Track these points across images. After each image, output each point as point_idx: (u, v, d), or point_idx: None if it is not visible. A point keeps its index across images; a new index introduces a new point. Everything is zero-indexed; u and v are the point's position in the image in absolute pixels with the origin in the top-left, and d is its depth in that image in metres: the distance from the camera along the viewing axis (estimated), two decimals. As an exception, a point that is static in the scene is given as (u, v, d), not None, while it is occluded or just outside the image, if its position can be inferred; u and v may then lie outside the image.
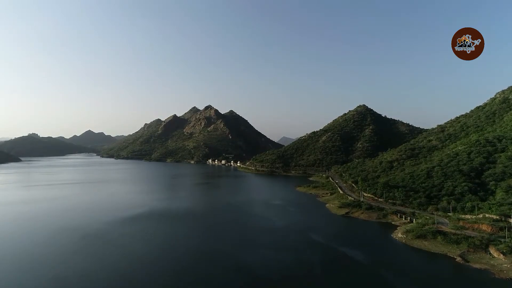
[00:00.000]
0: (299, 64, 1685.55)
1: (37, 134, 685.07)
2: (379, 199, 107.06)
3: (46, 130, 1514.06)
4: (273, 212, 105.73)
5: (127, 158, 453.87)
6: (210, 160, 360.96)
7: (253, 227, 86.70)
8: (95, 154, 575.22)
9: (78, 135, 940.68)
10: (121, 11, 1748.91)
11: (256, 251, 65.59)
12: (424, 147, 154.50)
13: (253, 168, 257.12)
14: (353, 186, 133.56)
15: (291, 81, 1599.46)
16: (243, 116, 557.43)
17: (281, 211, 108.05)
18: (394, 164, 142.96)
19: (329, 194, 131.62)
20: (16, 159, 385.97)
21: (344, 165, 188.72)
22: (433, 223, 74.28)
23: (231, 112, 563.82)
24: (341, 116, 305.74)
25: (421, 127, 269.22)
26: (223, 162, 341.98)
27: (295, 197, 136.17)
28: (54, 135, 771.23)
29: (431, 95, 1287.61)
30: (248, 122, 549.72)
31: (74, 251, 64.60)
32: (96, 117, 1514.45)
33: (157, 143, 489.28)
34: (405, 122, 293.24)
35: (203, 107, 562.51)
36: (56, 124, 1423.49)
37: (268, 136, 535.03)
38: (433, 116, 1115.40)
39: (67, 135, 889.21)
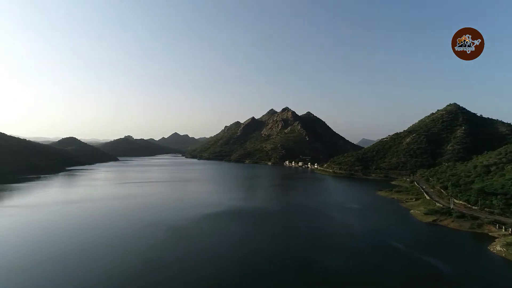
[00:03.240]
0: (380, 63, 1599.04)
1: (131, 136, 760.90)
2: (473, 207, 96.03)
3: (139, 133, 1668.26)
4: (350, 216, 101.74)
5: (208, 158, 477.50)
6: (287, 162, 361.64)
7: (329, 230, 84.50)
8: (180, 155, 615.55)
9: (166, 137, 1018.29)
10: (202, 15, 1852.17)
11: (331, 254, 63.67)
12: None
13: (330, 171, 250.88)
14: (441, 191, 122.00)
15: (371, 81, 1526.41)
16: (320, 118, 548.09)
17: (360, 216, 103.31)
18: (492, 169, 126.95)
19: (413, 200, 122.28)
20: (115, 159, 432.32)
21: (431, 169, 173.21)
22: (541, 237, 64.22)
23: (308, 113, 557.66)
24: (428, 116, 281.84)
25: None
26: (299, 164, 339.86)
27: (375, 201, 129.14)
28: (146, 137, 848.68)
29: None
30: (326, 124, 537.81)
31: (156, 243, 70.24)
32: (182, 121, 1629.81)
33: (236, 145, 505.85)
34: (505, 122, 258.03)
35: (280, 109, 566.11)
36: (147, 128, 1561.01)
37: (346, 138, 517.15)
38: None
39: (157, 137, 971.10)
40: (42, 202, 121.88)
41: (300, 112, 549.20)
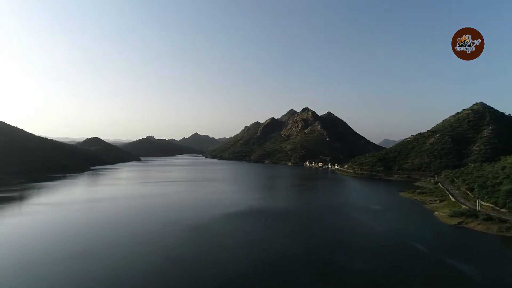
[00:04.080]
0: (403, 62, 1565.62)
1: (153, 136, 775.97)
2: (501, 210, 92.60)
3: (161, 133, 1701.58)
4: (372, 217, 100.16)
5: (228, 159, 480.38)
6: (307, 162, 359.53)
7: (350, 231, 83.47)
8: (201, 155, 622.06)
9: (186, 137, 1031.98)
10: (224, 16, 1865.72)
11: (351, 255, 63.06)
12: None
13: (351, 171, 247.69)
14: (467, 193, 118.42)
15: (393, 81, 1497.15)
16: (341, 118, 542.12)
17: (381, 217, 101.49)
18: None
19: (438, 201, 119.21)
20: (137, 158, 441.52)
21: (457, 169, 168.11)
22: None
23: (329, 113, 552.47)
24: (453, 115, 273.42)
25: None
26: (320, 164, 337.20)
27: (398, 203, 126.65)
28: (167, 137, 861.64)
29: None
30: (347, 124, 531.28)
31: (177, 241, 71.82)
32: (202, 121, 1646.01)
33: (256, 145, 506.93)
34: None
35: (300, 109, 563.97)
36: (169, 128, 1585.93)
37: (368, 138, 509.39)
38: None
39: (178, 138, 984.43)
40: (69, 200, 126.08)
41: (320, 112, 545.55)
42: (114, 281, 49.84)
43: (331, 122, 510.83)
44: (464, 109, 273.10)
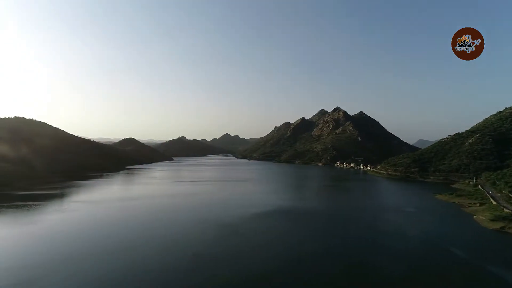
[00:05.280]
0: (438, 60, 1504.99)
1: (185, 137, 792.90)
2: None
3: (192, 133, 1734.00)
4: (406, 220, 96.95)
5: (258, 159, 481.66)
6: (338, 163, 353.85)
7: (382, 233, 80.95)
8: (231, 155, 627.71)
9: (217, 137, 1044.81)
10: (255, 13, 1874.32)
11: (386, 258, 61.16)
12: None
13: (384, 172, 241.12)
14: (510, 196, 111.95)
15: (428, 79, 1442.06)
16: (373, 118, 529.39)
17: (416, 219, 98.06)
18: None
19: (477, 205, 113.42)
20: (169, 158, 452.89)
21: (499, 171, 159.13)
22: None
23: (361, 113, 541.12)
24: (494, 115, 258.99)
25: None
26: (351, 165, 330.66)
27: (434, 205, 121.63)
28: (198, 138, 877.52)
29: None
30: (380, 124, 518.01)
31: (208, 239, 72.55)
32: (232, 122, 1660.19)
33: (286, 145, 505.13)
34: None
35: (331, 109, 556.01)
36: (200, 128, 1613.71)
37: (402, 139, 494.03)
38: None
39: (208, 138, 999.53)
40: (105, 198, 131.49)
41: (352, 112, 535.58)
42: (146, 276, 51.32)
43: (363, 122, 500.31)
44: (506, 108, 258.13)
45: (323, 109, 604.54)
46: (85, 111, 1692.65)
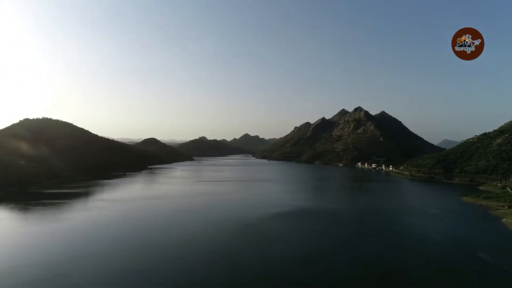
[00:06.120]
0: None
1: (205, 137, 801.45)
2: None
3: (212, 133, 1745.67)
4: (429, 222, 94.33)
5: (278, 159, 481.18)
6: (359, 163, 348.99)
7: (404, 235, 78.94)
8: (251, 155, 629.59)
9: (237, 138, 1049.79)
10: (276, 14, 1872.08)
11: (407, 260, 59.80)
12: None
13: (407, 173, 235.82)
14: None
15: (453, 78, 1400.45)
16: (396, 117, 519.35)
17: (440, 222, 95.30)
18: None
19: (506, 207, 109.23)
20: (190, 158, 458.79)
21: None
22: None
23: (383, 113, 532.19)
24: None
25: None
26: (373, 165, 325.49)
27: (459, 207, 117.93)
28: (219, 138, 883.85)
29: None
30: (402, 124, 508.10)
31: (228, 239, 73.17)
32: (252, 122, 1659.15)
33: (306, 146, 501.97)
34: None
35: (352, 109, 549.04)
36: (220, 129, 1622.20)
37: (425, 139, 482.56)
38: None
39: (228, 138, 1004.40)
40: (129, 197, 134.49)
41: (373, 111, 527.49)
42: (168, 272, 52.28)
43: (385, 122, 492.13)
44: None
45: (343, 109, 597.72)
46: (109, 112, 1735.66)
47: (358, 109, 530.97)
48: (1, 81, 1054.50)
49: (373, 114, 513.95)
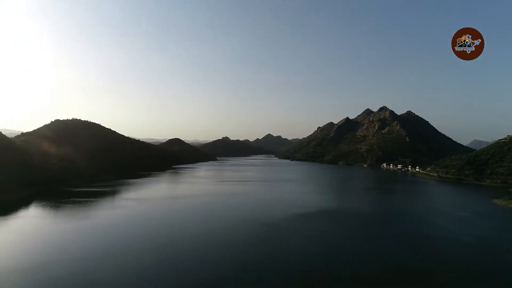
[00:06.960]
0: (493, 56, 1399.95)
1: (228, 137, 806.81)
2: None
3: (236, 134, 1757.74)
4: (458, 225, 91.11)
5: (301, 159, 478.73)
6: (384, 164, 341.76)
7: (432, 238, 76.15)
8: (274, 156, 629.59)
9: (260, 138, 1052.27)
10: (297, 13, 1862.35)
11: (435, 264, 57.83)
12: None
13: (434, 175, 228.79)
14: None
15: (483, 75, 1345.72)
16: (423, 117, 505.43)
17: (470, 225, 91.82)
18: None
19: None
20: (214, 158, 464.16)
21: None
22: None
23: (409, 112, 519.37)
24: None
25: None
26: (399, 166, 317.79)
27: (490, 210, 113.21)
28: (241, 138, 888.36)
29: None
30: (429, 124, 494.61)
31: (250, 238, 73.60)
32: (275, 122, 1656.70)
33: (329, 146, 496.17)
34: None
35: (377, 109, 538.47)
36: (243, 129, 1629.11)
37: (454, 139, 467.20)
38: None
39: (251, 138, 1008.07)
40: (153, 196, 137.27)
41: (399, 111, 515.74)
42: (190, 271, 53.01)
43: (412, 122, 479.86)
44: None
45: (368, 108, 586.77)
46: (135, 113, 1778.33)
47: (383, 108, 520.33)
48: (39, 85, 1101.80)
49: (398, 114, 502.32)
